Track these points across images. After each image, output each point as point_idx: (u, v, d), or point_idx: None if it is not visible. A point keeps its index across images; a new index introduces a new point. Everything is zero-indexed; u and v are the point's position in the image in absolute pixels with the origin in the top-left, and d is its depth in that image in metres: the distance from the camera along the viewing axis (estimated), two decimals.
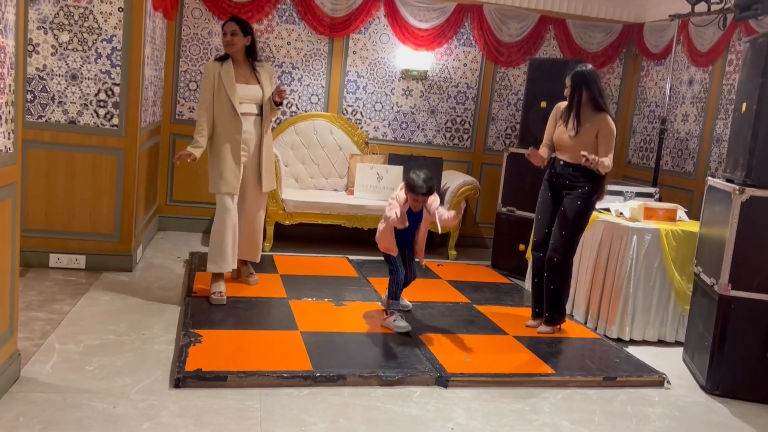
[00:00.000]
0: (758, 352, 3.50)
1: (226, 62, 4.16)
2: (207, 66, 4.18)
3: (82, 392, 2.87)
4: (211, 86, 4.11)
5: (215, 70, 4.12)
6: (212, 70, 4.13)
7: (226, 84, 4.09)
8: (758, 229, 3.43)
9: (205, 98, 4.13)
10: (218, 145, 4.15)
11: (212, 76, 4.11)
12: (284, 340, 3.62)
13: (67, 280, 4.36)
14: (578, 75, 3.90)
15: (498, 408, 3.14)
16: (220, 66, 4.14)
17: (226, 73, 4.11)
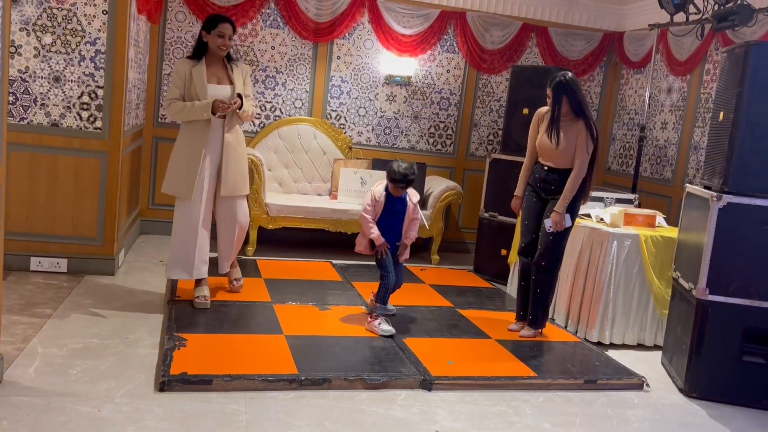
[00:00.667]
0: (735, 356, 3.58)
1: (198, 62, 4.02)
2: (178, 63, 4.04)
3: (66, 396, 2.86)
4: (182, 84, 3.98)
5: (186, 68, 3.99)
6: (183, 68, 4.00)
7: (196, 82, 3.96)
8: (735, 235, 3.51)
9: (174, 95, 3.99)
10: (182, 146, 4.03)
11: (183, 74, 3.99)
12: (269, 343, 3.62)
13: (48, 284, 4.32)
14: (558, 85, 3.96)
15: (481, 410, 3.17)
16: (192, 65, 4.01)
17: (198, 73, 3.98)
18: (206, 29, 4.02)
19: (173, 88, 4.02)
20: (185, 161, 4.01)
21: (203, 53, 4.05)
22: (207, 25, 4.02)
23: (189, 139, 4.02)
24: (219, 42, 4.01)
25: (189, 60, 4.05)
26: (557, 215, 3.95)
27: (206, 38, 4.01)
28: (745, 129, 3.48)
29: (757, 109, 3.46)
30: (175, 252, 4.07)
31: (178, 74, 4.01)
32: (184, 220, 4.03)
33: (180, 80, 3.99)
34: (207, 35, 4.00)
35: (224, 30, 4.00)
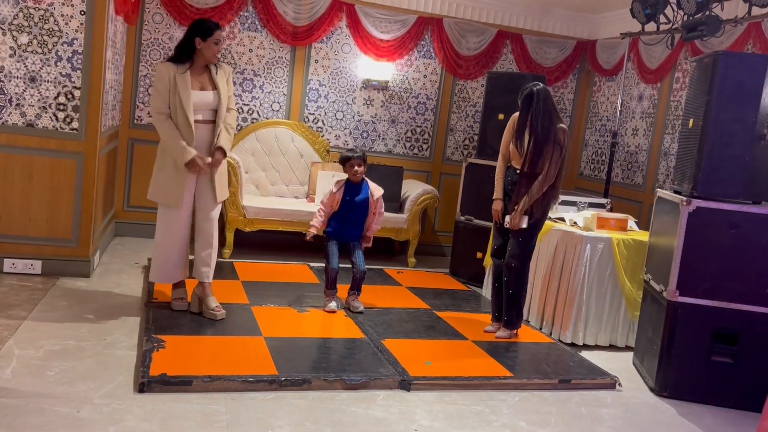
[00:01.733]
0: (704, 356, 3.69)
1: (181, 65, 3.84)
2: (160, 68, 3.83)
3: (45, 397, 2.84)
4: (166, 91, 3.80)
5: (170, 73, 3.80)
6: (166, 73, 3.80)
7: (180, 90, 3.78)
8: (704, 238, 3.62)
9: (163, 102, 3.81)
10: (167, 154, 3.90)
11: (167, 80, 3.80)
12: (248, 345, 3.64)
13: (22, 286, 4.28)
14: (527, 97, 4.05)
15: (459, 410, 3.23)
16: (175, 70, 3.82)
17: (182, 79, 3.80)
18: (202, 36, 3.83)
19: (158, 96, 3.83)
20: (172, 171, 3.88)
21: (189, 58, 3.88)
22: (202, 32, 3.84)
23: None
24: (215, 50, 3.88)
25: (171, 64, 3.85)
26: (516, 215, 4.04)
27: (201, 45, 3.83)
28: (714, 136, 3.60)
29: (724, 116, 3.58)
30: (159, 257, 4.02)
31: (161, 80, 3.82)
32: (169, 227, 3.96)
33: (164, 87, 3.81)
34: (202, 42, 3.83)
35: (220, 36, 3.89)
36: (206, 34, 3.85)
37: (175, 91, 3.80)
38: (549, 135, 4.00)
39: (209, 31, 3.86)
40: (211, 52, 3.87)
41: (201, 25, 3.88)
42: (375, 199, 4.46)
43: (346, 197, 4.39)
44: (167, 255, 4.00)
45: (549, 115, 4.04)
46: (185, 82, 3.82)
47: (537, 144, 4.00)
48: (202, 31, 3.86)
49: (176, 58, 3.89)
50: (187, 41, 3.89)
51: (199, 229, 4.04)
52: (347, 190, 4.42)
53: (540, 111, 4.01)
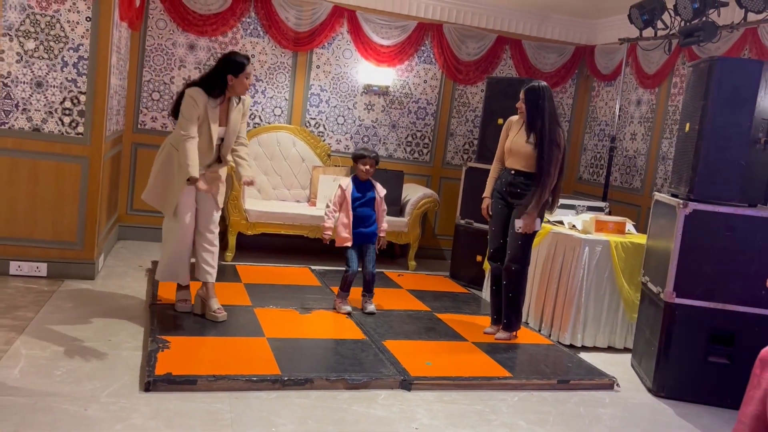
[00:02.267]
0: (701, 356, 3.74)
1: (213, 99, 3.87)
2: (196, 94, 3.81)
3: (52, 396, 2.90)
4: (196, 117, 3.82)
5: (203, 102, 3.83)
6: (201, 101, 3.82)
7: (210, 120, 3.86)
8: (700, 240, 3.67)
9: (193, 127, 3.80)
10: (174, 162, 3.94)
11: (199, 107, 3.82)
12: (251, 346, 3.69)
13: (28, 288, 4.33)
14: (533, 91, 4.12)
15: (459, 409, 3.28)
16: (207, 100, 3.84)
17: (213, 113, 3.88)
18: (234, 72, 3.85)
19: (188, 122, 3.80)
20: (175, 179, 3.94)
21: (222, 93, 3.90)
22: (235, 68, 3.85)
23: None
24: (247, 84, 3.92)
25: (204, 93, 3.84)
26: (529, 217, 4.09)
27: (233, 82, 3.86)
28: (710, 140, 3.66)
29: (720, 120, 3.64)
30: (167, 261, 4.08)
31: (195, 105, 3.81)
32: (176, 233, 4.00)
33: (196, 112, 3.81)
34: (235, 79, 3.85)
35: (251, 70, 3.93)
36: (238, 71, 3.87)
37: (205, 118, 3.86)
38: (553, 136, 4.06)
39: (241, 67, 3.87)
40: (243, 86, 3.92)
41: (232, 62, 3.87)
42: (381, 197, 4.62)
43: (357, 194, 4.52)
44: (174, 255, 4.06)
45: (553, 115, 4.10)
46: (215, 116, 3.91)
47: (543, 144, 4.06)
48: (234, 67, 3.86)
49: (208, 87, 3.87)
50: (219, 76, 3.88)
51: (201, 232, 4.10)
52: (356, 188, 4.55)
53: (546, 110, 4.08)
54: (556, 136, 4.08)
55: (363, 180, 4.57)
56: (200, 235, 4.10)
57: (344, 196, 4.51)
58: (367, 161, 4.50)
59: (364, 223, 4.54)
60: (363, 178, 4.57)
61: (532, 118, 4.12)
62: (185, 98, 3.85)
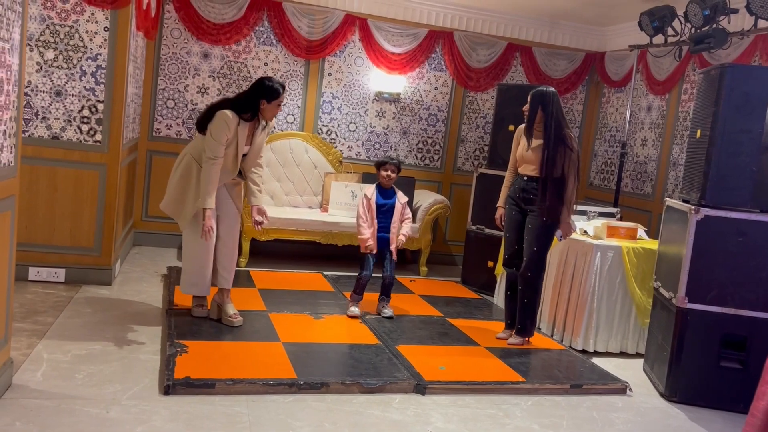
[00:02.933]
0: (713, 361, 3.76)
1: (243, 122, 3.93)
2: (229, 118, 3.85)
3: (75, 398, 2.96)
4: (226, 140, 3.89)
5: (234, 125, 3.89)
6: (233, 124, 3.88)
7: (240, 143, 3.95)
8: (712, 245, 3.70)
9: (221, 150, 3.88)
10: (194, 174, 4.01)
11: (231, 131, 3.88)
12: (267, 350, 3.74)
13: (47, 293, 4.41)
14: (539, 96, 4.17)
15: (473, 413, 3.32)
16: (237, 122, 3.90)
17: (242, 135, 3.95)
18: (267, 98, 3.92)
19: (218, 144, 3.87)
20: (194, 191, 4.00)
21: (254, 117, 3.98)
22: (268, 95, 3.92)
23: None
24: (277, 111, 4.03)
25: (236, 117, 3.89)
26: (566, 225, 4.17)
27: (265, 106, 3.93)
28: (721, 146, 3.69)
29: (731, 127, 3.67)
30: (190, 272, 4.12)
31: (228, 128, 3.87)
32: (199, 246, 4.04)
33: (225, 136, 3.87)
34: (267, 104, 3.93)
35: (283, 99, 4.01)
36: (272, 97, 3.93)
37: (234, 139, 3.94)
38: (560, 140, 4.10)
39: (276, 94, 3.94)
40: (273, 113, 4.03)
41: (268, 88, 3.93)
42: (402, 203, 4.67)
43: (380, 201, 4.62)
44: (197, 267, 4.10)
45: (560, 120, 4.15)
46: (243, 137, 3.98)
47: (550, 149, 4.10)
48: (268, 93, 3.92)
49: (240, 110, 3.92)
50: (253, 99, 3.94)
51: (222, 238, 4.15)
52: (380, 195, 4.65)
53: (552, 114, 4.12)
54: (565, 139, 4.12)
55: (386, 187, 4.65)
56: (222, 241, 4.15)
57: (370, 204, 4.58)
58: (388, 167, 4.59)
59: (386, 229, 4.63)
60: (385, 185, 4.64)
61: (531, 121, 4.19)
62: (218, 120, 3.87)
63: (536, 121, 4.20)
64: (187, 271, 4.16)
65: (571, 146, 4.13)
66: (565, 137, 4.13)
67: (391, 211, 4.64)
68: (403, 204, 4.68)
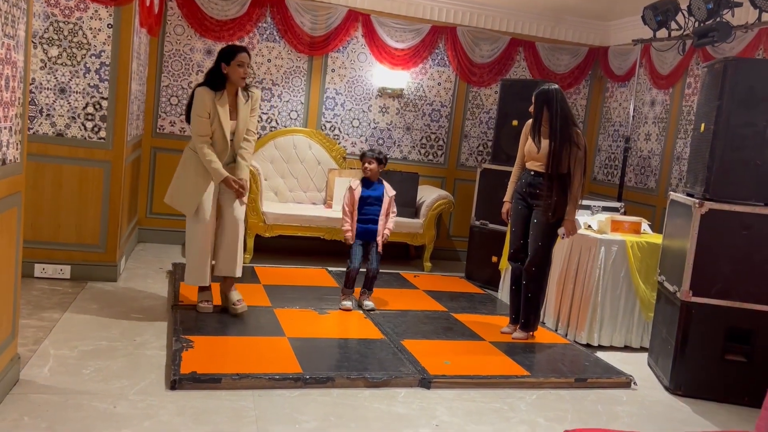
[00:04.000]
0: (717, 354, 3.76)
1: (218, 93, 4.02)
2: (202, 93, 3.98)
3: (82, 393, 2.98)
4: (208, 115, 3.98)
5: (210, 99, 3.98)
6: (208, 98, 3.98)
7: (221, 116, 4.01)
8: (716, 239, 3.70)
9: (206, 127, 3.99)
10: (196, 166, 4.08)
11: (208, 105, 3.98)
12: (273, 345, 3.76)
13: (53, 290, 4.43)
14: (543, 95, 4.17)
15: (478, 407, 3.33)
16: (213, 96, 4.00)
17: (223, 109, 4.02)
18: (225, 61, 4.00)
19: (201, 121, 3.98)
20: (193, 179, 4.08)
21: (223, 85, 4.04)
22: (225, 57, 4.01)
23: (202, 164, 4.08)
24: (240, 72, 4.02)
25: (209, 90, 4.00)
26: (570, 222, 4.17)
27: (227, 70, 4.00)
28: (725, 140, 3.69)
29: (735, 121, 3.67)
30: (192, 263, 4.16)
31: (203, 105, 3.97)
32: (200, 235, 4.10)
33: (205, 111, 3.97)
34: (227, 67, 4.00)
35: (243, 59, 4.02)
36: (229, 58, 4.01)
37: (215, 115, 4.01)
38: (566, 137, 4.10)
39: (231, 53, 4.02)
40: (237, 74, 4.03)
41: (224, 51, 4.05)
42: (390, 196, 4.72)
43: (364, 194, 4.69)
44: (197, 257, 4.14)
45: (566, 117, 4.15)
46: (225, 110, 4.06)
47: (556, 146, 4.11)
48: (225, 56, 4.03)
49: (210, 84, 4.03)
50: (216, 68, 4.06)
51: (226, 229, 4.18)
52: (365, 187, 4.72)
53: (557, 113, 4.12)
54: (572, 137, 4.12)
55: (369, 178, 4.71)
56: (226, 231, 4.18)
57: (353, 195, 4.69)
58: (366, 160, 4.68)
59: (373, 221, 4.68)
60: (367, 176, 4.72)
61: (538, 121, 4.19)
62: (195, 100, 4.04)
63: (543, 120, 4.20)
64: (188, 262, 4.20)
65: (578, 144, 4.13)
66: (572, 135, 4.13)
67: (379, 203, 4.70)
68: (390, 197, 4.73)
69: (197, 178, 4.09)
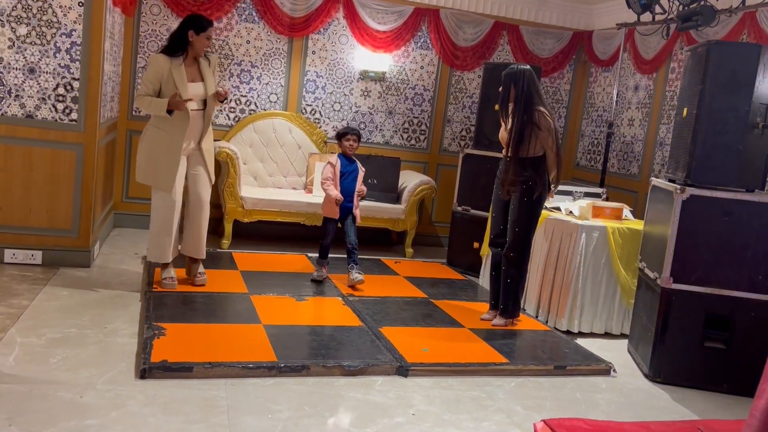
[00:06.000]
0: (697, 342, 3.74)
1: (176, 58, 4.06)
2: (157, 58, 4.04)
3: (48, 383, 2.89)
4: (157, 81, 4.03)
5: (165, 66, 4.03)
6: (163, 64, 4.02)
7: (178, 83, 4.01)
8: (697, 225, 3.66)
9: (152, 90, 4.04)
10: (159, 139, 4.10)
11: (160, 72, 4.02)
12: (247, 333, 3.68)
13: (23, 276, 4.32)
14: (510, 76, 4.11)
15: (456, 395, 3.28)
16: (170, 62, 4.04)
17: (179, 72, 4.04)
18: (196, 30, 4.06)
19: (147, 83, 4.06)
20: (165, 153, 4.11)
21: (183, 51, 4.10)
22: (197, 26, 4.07)
23: (169, 132, 4.09)
24: (206, 44, 4.12)
25: (166, 57, 4.05)
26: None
27: (193, 38, 4.06)
28: (707, 124, 3.65)
29: (718, 105, 3.62)
30: (156, 238, 4.21)
31: (155, 71, 4.03)
32: (165, 209, 4.16)
33: (155, 77, 4.03)
34: (195, 36, 4.06)
35: (212, 33, 4.16)
36: (200, 29, 4.08)
37: (170, 82, 4.03)
38: (528, 119, 4.04)
39: (203, 26, 4.10)
40: (201, 45, 4.11)
41: (195, 20, 4.13)
42: (362, 171, 4.99)
43: (342, 170, 4.86)
44: (161, 231, 4.19)
45: (530, 98, 4.07)
46: (181, 74, 4.07)
47: (516, 128, 4.05)
48: (197, 25, 4.09)
49: (170, 49, 4.09)
50: (181, 34, 4.11)
51: (195, 209, 4.26)
52: (343, 164, 4.90)
53: (522, 93, 4.06)
54: (532, 117, 4.04)
55: (348, 155, 4.90)
56: (194, 212, 4.27)
57: (335, 170, 4.81)
58: (350, 137, 4.88)
59: (349, 197, 4.85)
60: (349, 153, 4.89)
61: (505, 102, 4.15)
62: (148, 63, 4.14)
63: (510, 101, 4.14)
64: (151, 237, 4.25)
65: (539, 125, 4.04)
66: (533, 115, 4.05)
67: (353, 178, 4.89)
68: (363, 171, 4.99)
69: (169, 153, 4.11)
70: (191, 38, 4.07)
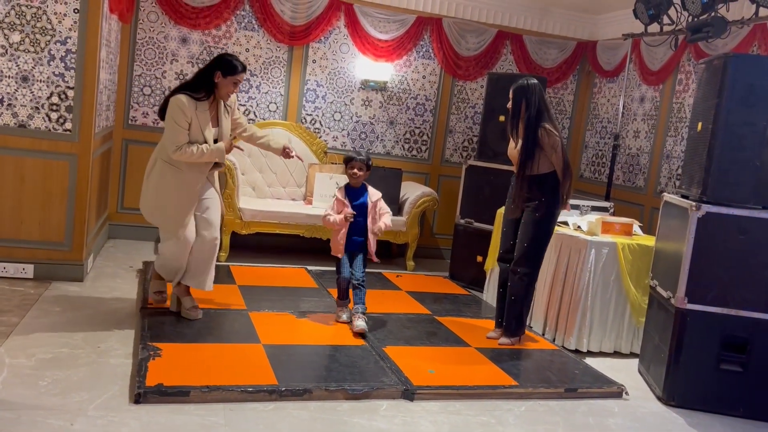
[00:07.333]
0: (713, 364, 3.61)
1: (201, 102, 3.75)
2: (183, 102, 3.68)
3: (37, 409, 2.74)
4: (188, 125, 3.72)
5: (191, 110, 3.71)
6: (189, 108, 3.70)
7: (202, 126, 3.76)
8: (713, 244, 3.54)
9: (184, 137, 3.71)
10: (175, 181, 3.80)
11: (189, 117, 3.71)
12: (246, 353, 3.54)
13: (14, 291, 4.16)
14: (521, 90, 3.99)
15: (464, 420, 3.14)
16: (195, 105, 3.73)
17: (203, 115, 3.76)
18: (224, 73, 3.75)
19: (180, 130, 3.70)
20: (179, 196, 3.82)
21: (210, 93, 3.79)
22: (226, 69, 3.75)
23: (186, 173, 3.81)
24: (231, 89, 3.82)
25: (191, 100, 3.72)
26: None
27: (219, 80, 3.75)
28: (724, 139, 3.53)
29: (735, 119, 3.51)
30: (166, 266, 3.99)
31: (184, 116, 3.69)
32: (178, 255, 3.88)
33: (186, 122, 3.70)
34: (222, 78, 3.75)
35: (240, 78, 3.82)
36: (229, 72, 3.76)
37: (197, 125, 3.75)
38: (534, 137, 3.94)
39: (233, 69, 3.77)
40: (227, 90, 3.81)
41: (226, 62, 3.78)
42: (373, 201, 4.26)
43: (349, 203, 4.22)
44: (175, 268, 3.96)
45: (540, 115, 3.97)
46: (206, 119, 3.79)
47: (525, 146, 3.94)
48: (226, 68, 3.76)
49: (194, 90, 3.76)
50: (208, 73, 3.78)
51: (204, 239, 3.91)
52: (348, 194, 4.25)
53: (534, 110, 3.96)
54: (537, 137, 3.93)
55: (354, 186, 4.25)
56: (204, 242, 3.91)
57: (342, 204, 4.20)
58: (354, 164, 4.17)
59: (356, 232, 4.20)
60: (354, 185, 4.24)
61: (516, 118, 4.04)
62: (172, 107, 3.70)
63: (520, 118, 4.02)
64: (163, 262, 3.99)
65: (541, 143, 3.93)
66: (537, 132, 3.93)
67: (363, 213, 4.20)
68: (374, 201, 4.25)
69: (179, 197, 3.80)
70: (217, 79, 3.75)
